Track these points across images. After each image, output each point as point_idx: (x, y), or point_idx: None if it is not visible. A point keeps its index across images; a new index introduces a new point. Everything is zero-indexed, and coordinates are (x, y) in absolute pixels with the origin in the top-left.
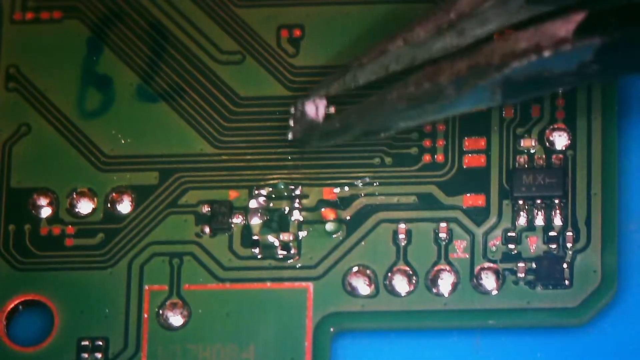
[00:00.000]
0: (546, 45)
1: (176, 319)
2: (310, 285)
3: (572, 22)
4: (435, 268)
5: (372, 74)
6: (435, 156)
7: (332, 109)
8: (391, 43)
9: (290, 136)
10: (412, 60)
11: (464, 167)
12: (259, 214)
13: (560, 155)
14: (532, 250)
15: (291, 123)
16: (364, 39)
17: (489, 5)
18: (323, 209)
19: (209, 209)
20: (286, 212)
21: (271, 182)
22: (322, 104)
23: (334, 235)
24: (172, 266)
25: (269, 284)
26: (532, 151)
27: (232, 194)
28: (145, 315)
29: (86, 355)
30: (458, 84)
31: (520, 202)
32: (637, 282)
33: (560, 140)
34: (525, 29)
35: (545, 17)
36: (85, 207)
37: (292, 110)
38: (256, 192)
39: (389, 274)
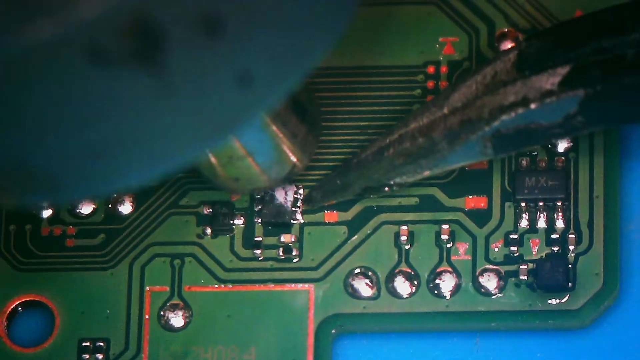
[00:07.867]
0: (533, 97)
1: (177, 320)
2: (311, 287)
3: (557, 75)
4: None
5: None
6: None
7: (300, 193)
8: (389, 138)
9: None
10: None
11: (466, 169)
12: (260, 215)
13: (562, 158)
14: (534, 253)
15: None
16: (364, 39)
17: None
18: (325, 211)
19: (211, 210)
20: (287, 213)
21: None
22: (291, 189)
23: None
24: (173, 267)
25: (270, 285)
26: (534, 153)
27: (234, 196)
28: (147, 317)
29: (87, 356)
30: (450, 138)
31: (523, 204)
32: (639, 285)
33: (562, 142)
34: (514, 83)
35: (533, 72)
36: (86, 207)
37: (262, 194)
38: (257, 193)
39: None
